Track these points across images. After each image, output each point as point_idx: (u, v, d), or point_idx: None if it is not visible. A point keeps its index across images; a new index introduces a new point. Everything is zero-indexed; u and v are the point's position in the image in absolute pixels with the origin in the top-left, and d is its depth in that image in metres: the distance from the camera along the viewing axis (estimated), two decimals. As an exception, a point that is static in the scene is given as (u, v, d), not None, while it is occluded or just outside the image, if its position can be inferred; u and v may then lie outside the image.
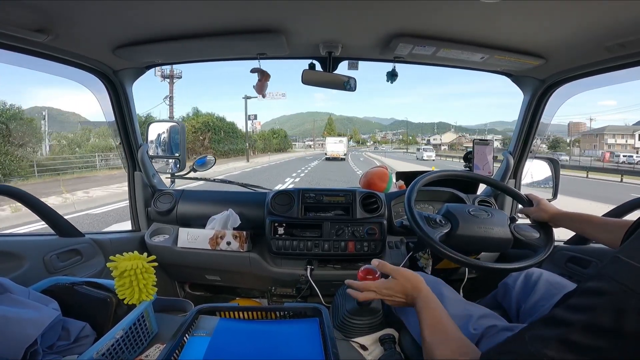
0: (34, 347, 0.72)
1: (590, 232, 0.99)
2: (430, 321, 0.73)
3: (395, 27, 1.07)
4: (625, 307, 0.42)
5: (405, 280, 0.84)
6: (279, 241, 1.47)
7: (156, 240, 1.59)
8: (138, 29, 1.08)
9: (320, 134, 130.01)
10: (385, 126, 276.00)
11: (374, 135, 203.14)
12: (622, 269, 0.44)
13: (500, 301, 1.11)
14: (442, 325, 0.71)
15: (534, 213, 1.13)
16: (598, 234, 0.97)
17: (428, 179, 1.19)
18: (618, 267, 0.45)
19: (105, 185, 11.05)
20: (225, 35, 1.11)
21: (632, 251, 0.46)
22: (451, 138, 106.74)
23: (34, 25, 0.95)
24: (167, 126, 1.76)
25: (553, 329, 0.47)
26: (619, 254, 0.47)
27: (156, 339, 0.93)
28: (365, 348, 1.13)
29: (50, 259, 1.22)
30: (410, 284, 0.83)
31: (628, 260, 0.44)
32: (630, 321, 0.41)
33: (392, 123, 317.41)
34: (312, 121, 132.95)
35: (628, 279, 0.43)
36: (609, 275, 0.45)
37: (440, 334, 0.69)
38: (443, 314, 0.74)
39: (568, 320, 0.46)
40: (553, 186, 1.56)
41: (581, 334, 0.44)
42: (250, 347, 0.74)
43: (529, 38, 1.08)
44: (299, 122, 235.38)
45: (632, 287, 0.42)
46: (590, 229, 0.99)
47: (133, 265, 0.85)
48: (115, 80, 1.42)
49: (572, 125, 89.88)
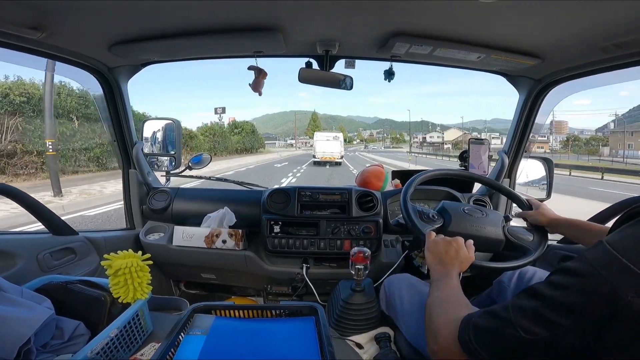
0: (27, 346, 0.71)
1: (589, 240, 0.98)
2: (440, 293, 0.76)
3: (393, 26, 1.07)
4: (594, 290, 0.43)
5: (456, 250, 0.87)
6: (275, 239, 1.47)
7: (151, 238, 1.58)
8: (134, 26, 1.07)
9: (303, 132, 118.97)
10: (369, 125, 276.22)
11: (360, 134, 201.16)
12: (601, 255, 0.45)
13: (495, 299, 1.12)
14: (448, 298, 0.74)
15: (532, 216, 1.14)
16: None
17: (424, 177, 1.19)
18: (597, 252, 0.46)
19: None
20: (222, 32, 1.11)
21: (615, 240, 0.46)
22: (455, 135, 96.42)
23: (29, 22, 0.93)
24: (162, 123, 1.74)
25: (532, 301, 0.49)
26: (604, 239, 0.47)
27: (151, 338, 0.93)
28: (361, 346, 1.13)
29: (44, 257, 1.21)
30: (457, 257, 0.86)
31: (608, 246, 0.45)
32: (596, 305, 0.43)
33: (375, 122, 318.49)
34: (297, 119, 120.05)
35: (603, 266, 0.44)
36: (587, 259, 0.46)
37: (444, 304, 0.72)
38: (455, 294, 0.76)
39: (543, 295, 0.48)
40: (547, 185, 1.57)
41: (551, 309, 0.46)
42: (246, 345, 0.74)
43: (525, 38, 1.09)
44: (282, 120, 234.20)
45: (604, 274, 0.43)
46: (588, 237, 0.99)
47: (127, 264, 0.84)
48: (110, 78, 1.40)
49: (555, 124, 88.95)
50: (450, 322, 0.63)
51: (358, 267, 1.20)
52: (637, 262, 0.41)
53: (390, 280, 1.20)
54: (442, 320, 0.67)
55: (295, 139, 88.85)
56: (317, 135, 24.36)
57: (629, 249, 0.43)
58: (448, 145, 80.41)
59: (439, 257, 0.87)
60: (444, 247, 0.88)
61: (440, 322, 0.67)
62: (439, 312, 0.70)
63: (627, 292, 0.41)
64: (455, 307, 0.69)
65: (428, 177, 1.20)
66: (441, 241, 0.90)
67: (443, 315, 0.68)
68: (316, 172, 16.58)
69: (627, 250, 0.43)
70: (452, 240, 0.89)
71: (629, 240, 0.45)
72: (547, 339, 0.46)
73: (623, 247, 0.44)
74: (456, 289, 0.77)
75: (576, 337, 0.45)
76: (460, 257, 0.86)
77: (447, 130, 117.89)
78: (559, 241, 1.42)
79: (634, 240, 0.44)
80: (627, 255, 0.42)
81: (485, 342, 0.54)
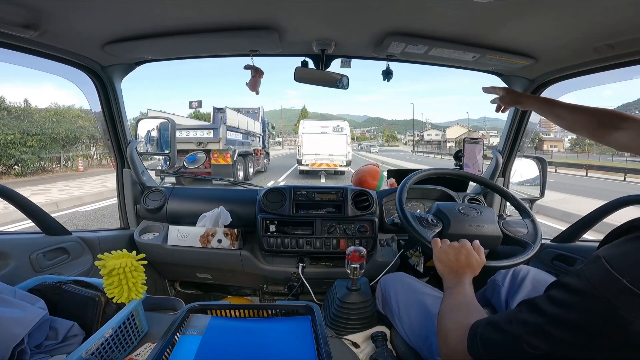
0: (21, 346, 0.70)
1: (559, 120, 1.00)
2: (453, 300, 0.77)
3: (389, 25, 1.07)
4: (594, 310, 0.43)
5: (466, 256, 0.86)
6: (271, 239, 1.47)
7: (145, 238, 1.58)
8: (128, 24, 1.06)
9: (292, 129, 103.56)
10: (359, 123, 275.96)
11: (352, 131, 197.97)
12: (600, 274, 0.45)
13: (489, 298, 1.13)
14: (459, 305, 0.75)
15: (505, 97, 1.15)
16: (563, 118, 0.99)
17: (418, 177, 1.19)
18: (596, 270, 0.46)
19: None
20: (218, 31, 1.10)
21: (613, 257, 0.45)
22: (459, 133, 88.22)
23: (21, 21, 0.92)
24: (157, 122, 1.74)
25: (534, 316, 0.49)
26: (601, 254, 0.47)
27: (147, 338, 0.92)
28: (357, 345, 1.13)
29: (37, 257, 1.19)
30: (468, 264, 0.85)
31: (607, 265, 0.44)
32: (597, 323, 0.43)
33: (365, 120, 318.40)
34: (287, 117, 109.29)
35: (602, 285, 0.44)
36: (586, 277, 0.46)
37: (455, 311, 0.73)
38: (468, 301, 0.76)
39: (544, 311, 0.48)
40: (540, 184, 1.59)
41: (554, 326, 0.46)
42: (242, 345, 0.74)
43: (519, 38, 1.10)
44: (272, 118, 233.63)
45: (604, 294, 0.43)
46: (559, 117, 1.00)
47: (122, 264, 0.84)
48: (103, 77, 1.39)
49: (542, 122, 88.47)
50: (460, 329, 0.64)
51: (354, 266, 1.21)
52: (637, 282, 0.41)
53: (386, 279, 1.20)
54: (452, 327, 0.68)
55: (282, 136, 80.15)
56: (306, 125, 13.02)
57: (628, 268, 0.42)
58: (451, 144, 75.09)
59: (449, 266, 0.86)
60: (454, 255, 0.87)
61: (450, 329, 0.68)
62: (449, 319, 0.71)
63: (627, 313, 0.40)
64: (465, 314, 0.70)
65: (421, 177, 1.20)
66: (450, 249, 0.88)
67: (453, 322, 0.69)
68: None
69: (626, 269, 0.42)
70: (461, 246, 0.88)
71: (628, 259, 0.44)
72: (550, 352, 0.47)
73: (623, 266, 0.43)
74: (469, 296, 0.77)
75: (578, 351, 0.45)
76: (472, 263, 0.86)
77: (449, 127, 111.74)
78: (553, 240, 1.44)
79: (634, 259, 0.43)
80: (627, 276, 0.42)
81: (494, 354, 0.55)
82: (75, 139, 13.44)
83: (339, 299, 1.24)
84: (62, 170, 13.00)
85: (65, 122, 12.99)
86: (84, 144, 14.40)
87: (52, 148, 12.29)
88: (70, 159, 13.45)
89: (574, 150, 53.05)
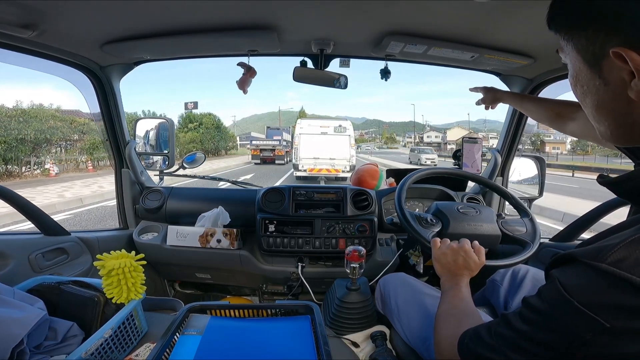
0: (20, 347, 0.70)
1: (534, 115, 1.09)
2: (448, 305, 0.77)
3: (387, 25, 1.07)
4: (555, 329, 0.44)
5: (464, 258, 0.87)
6: (270, 238, 1.47)
7: (145, 238, 1.57)
8: (126, 24, 1.06)
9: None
10: (358, 125, 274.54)
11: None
12: (555, 296, 0.44)
13: (489, 298, 1.13)
14: (454, 310, 0.75)
15: (487, 94, 1.25)
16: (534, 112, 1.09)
17: (417, 176, 1.20)
18: (551, 292, 0.45)
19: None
20: (216, 31, 1.10)
21: (566, 277, 0.44)
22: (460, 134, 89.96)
23: (19, 20, 0.92)
24: (156, 122, 1.73)
25: (509, 331, 0.50)
26: (555, 274, 0.46)
27: (146, 338, 0.92)
28: (357, 345, 1.14)
29: (36, 258, 1.19)
30: (466, 266, 0.86)
31: (561, 288, 0.43)
32: (561, 341, 0.43)
33: (364, 122, 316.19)
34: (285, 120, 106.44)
35: (558, 307, 0.43)
36: (544, 298, 0.46)
37: (449, 317, 0.74)
38: (463, 305, 0.77)
39: (515, 328, 0.49)
40: (539, 183, 1.59)
41: (525, 341, 0.47)
42: (242, 345, 0.74)
43: (518, 38, 1.10)
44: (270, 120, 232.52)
45: (560, 315, 0.43)
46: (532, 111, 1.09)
47: (121, 264, 0.84)
48: (102, 77, 1.39)
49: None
50: (451, 338, 0.64)
51: (353, 265, 1.21)
52: (590, 305, 0.40)
53: (386, 279, 1.20)
54: (444, 335, 0.69)
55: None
56: (304, 125, 11.73)
57: (580, 290, 0.42)
58: (452, 146, 74.48)
59: (447, 267, 0.87)
60: (452, 256, 0.87)
61: (443, 337, 0.69)
62: (442, 326, 0.72)
63: (584, 333, 0.40)
64: (458, 321, 0.70)
65: (420, 176, 1.20)
66: (449, 251, 0.88)
67: (445, 330, 0.70)
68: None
69: (579, 292, 0.41)
70: (460, 248, 0.88)
71: (580, 282, 0.42)
72: None
73: (576, 289, 0.42)
74: (465, 300, 0.78)
75: None
76: (470, 265, 0.86)
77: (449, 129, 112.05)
78: (551, 239, 1.44)
79: (586, 282, 0.42)
80: (580, 298, 0.41)
81: None
82: (46, 140, 12.49)
83: (339, 298, 1.24)
84: (31, 175, 12.12)
85: (35, 122, 11.99)
86: (59, 147, 13.66)
87: (19, 150, 11.42)
88: (41, 163, 12.54)
89: (576, 152, 52.82)
